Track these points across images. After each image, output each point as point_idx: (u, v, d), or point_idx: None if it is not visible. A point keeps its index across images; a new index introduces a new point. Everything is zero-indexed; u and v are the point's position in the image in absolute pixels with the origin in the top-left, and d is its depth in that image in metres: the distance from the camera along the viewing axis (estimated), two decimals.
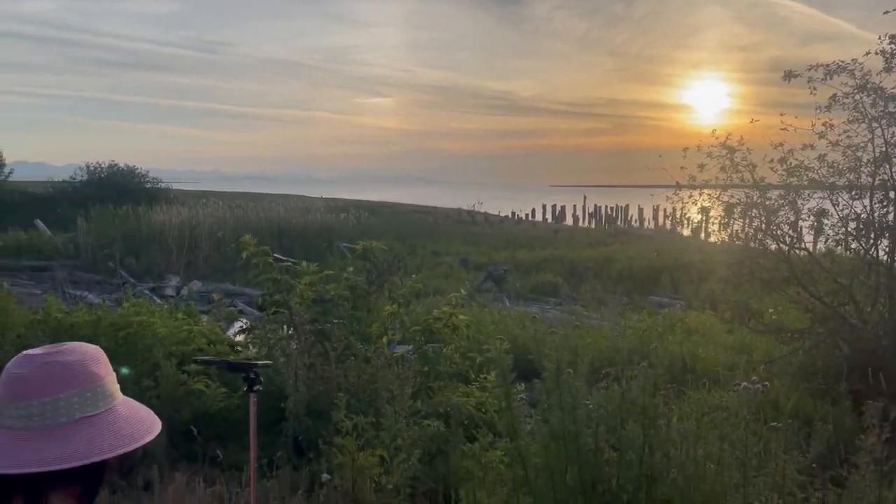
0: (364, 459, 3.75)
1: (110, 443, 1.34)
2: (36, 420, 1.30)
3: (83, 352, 1.39)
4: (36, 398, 1.30)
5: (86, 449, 1.31)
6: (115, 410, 1.41)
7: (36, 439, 1.30)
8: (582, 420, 2.84)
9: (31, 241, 19.27)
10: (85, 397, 1.34)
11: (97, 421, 1.36)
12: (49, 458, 1.28)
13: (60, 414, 1.31)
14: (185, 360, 5.58)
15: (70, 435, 1.31)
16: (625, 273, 17.24)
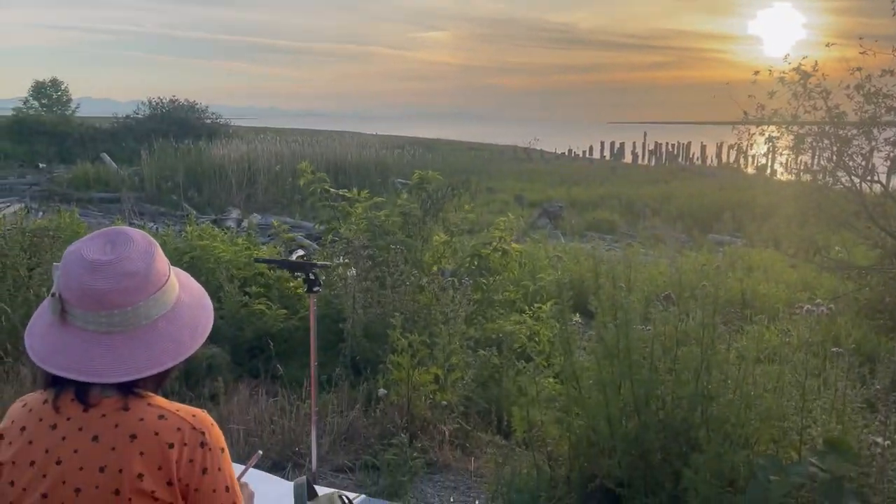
0: (419, 377, 3.83)
1: (190, 336, 1.40)
2: (118, 327, 1.34)
3: (146, 252, 1.39)
4: (117, 308, 1.34)
5: (174, 350, 1.37)
6: (182, 300, 1.46)
7: (124, 345, 1.34)
8: (636, 336, 2.82)
9: (98, 174, 19.94)
10: (158, 300, 1.38)
11: (173, 316, 1.41)
12: (143, 365, 1.33)
13: (140, 318, 1.36)
14: (246, 283, 5.75)
15: (154, 337, 1.36)
16: (684, 211, 16.86)
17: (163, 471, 1.31)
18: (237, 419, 3.75)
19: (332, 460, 3.56)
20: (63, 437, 1.33)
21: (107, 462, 1.30)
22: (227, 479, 1.40)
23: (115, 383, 1.35)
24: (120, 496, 1.29)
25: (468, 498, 3.32)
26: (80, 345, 1.34)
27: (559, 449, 3.44)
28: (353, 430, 3.80)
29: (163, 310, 1.40)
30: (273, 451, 3.53)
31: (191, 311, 1.45)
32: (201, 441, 1.36)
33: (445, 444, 3.74)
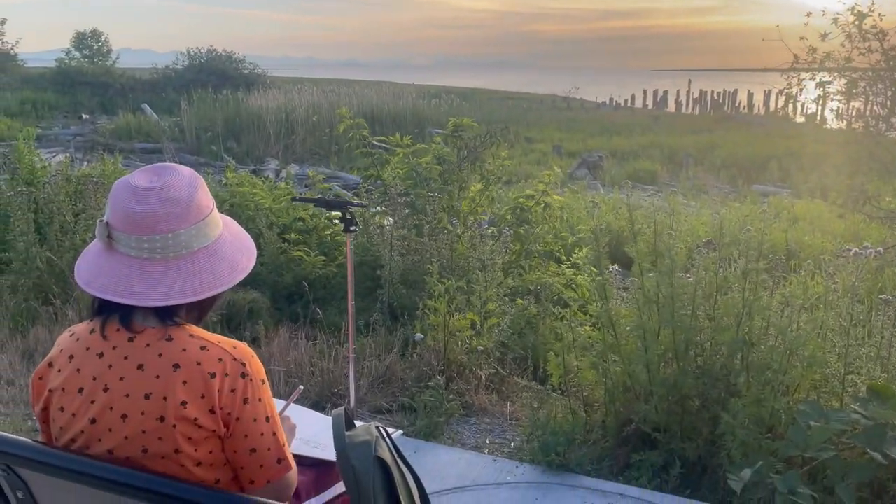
0: (455, 322, 3.85)
1: (229, 271, 1.42)
2: (159, 252, 1.37)
3: (191, 183, 1.42)
4: (157, 233, 1.36)
5: (211, 282, 1.39)
6: (224, 237, 1.48)
7: (164, 272, 1.37)
8: (678, 283, 2.78)
9: (140, 125, 20.22)
10: (200, 230, 1.41)
11: (214, 250, 1.43)
12: (179, 291, 1.35)
13: (181, 247, 1.38)
14: (285, 230, 5.82)
15: (193, 267, 1.38)
16: (729, 161, 16.46)
17: (205, 399, 1.34)
18: (278, 361, 3.84)
19: (370, 402, 3.62)
20: (109, 364, 1.37)
21: (152, 389, 1.33)
22: (267, 409, 1.43)
23: (156, 312, 1.38)
24: (165, 422, 1.32)
25: (503, 440, 3.36)
26: (122, 269, 1.38)
27: (595, 394, 3.45)
28: (390, 373, 3.86)
29: (203, 242, 1.41)
30: (313, 391, 3.61)
31: (232, 248, 1.46)
32: (242, 372, 1.39)
33: (481, 388, 3.78)
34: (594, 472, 2.97)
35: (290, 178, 10.40)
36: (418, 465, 3.00)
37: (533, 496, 2.76)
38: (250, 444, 1.40)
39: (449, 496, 2.73)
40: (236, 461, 1.41)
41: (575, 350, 3.40)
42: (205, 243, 1.41)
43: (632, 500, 2.75)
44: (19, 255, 4.85)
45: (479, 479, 2.87)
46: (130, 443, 1.34)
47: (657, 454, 2.95)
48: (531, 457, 3.04)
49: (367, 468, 1.34)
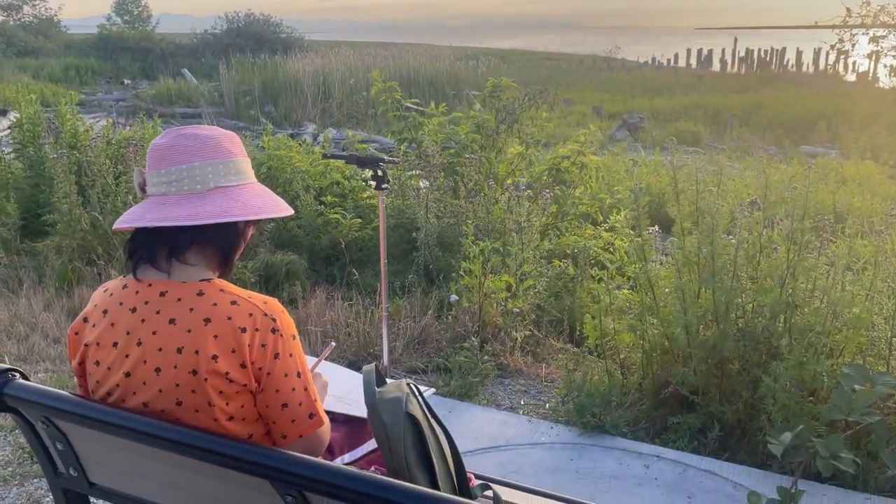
0: (491, 284, 3.83)
1: (240, 210, 1.41)
2: (174, 185, 1.40)
3: (219, 131, 1.47)
4: (174, 165, 1.40)
5: (218, 211, 1.39)
6: (248, 187, 1.47)
7: (174, 204, 1.39)
8: (719, 242, 2.70)
9: (180, 90, 20.41)
10: (217, 168, 1.41)
11: (229, 192, 1.43)
12: (182, 215, 1.37)
13: (196, 181, 1.39)
14: (322, 192, 5.84)
15: (204, 200, 1.40)
16: (775, 121, 15.97)
17: (236, 354, 1.35)
18: (314, 321, 3.87)
19: (405, 362, 3.64)
20: (142, 319, 1.38)
21: (183, 343, 1.34)
22: (298, 365, 1.43)
23: (172, 252, 1.39)
24: (197, 376, 1.33)
25: (538, 401, 3.35)
26: (143, 205, 1.42)
27: (631, 356, 3.41)
28: (425, 334, 3.87)
29: (221, 181, 1.42)
30: (349, 351, 3.64)
31: (253, 199, 1.46)
32: (272, 327, 1.39)
33: (516, 350, 3.76)
34: (630, 434, 2.94)
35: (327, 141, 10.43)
36: (452, 424, 3.02)
37: (567, 456, 2.76)
38: (282, 399, 1.41)
39: (483, 455, 2.74)
40: (268, 416, 1.42)
41: (612, 312, 3.35)
42: (222, 183, 1.42)
43: (668, 462, 2.72)
44: (63, 217, 4.96)
45: (513, 438, 2.87)
46: (164, 396, 1.35)
47: (695, 417, 2.91)
48: (566, 418, 3.03)
49: (397, 424, 1.34)
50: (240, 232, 1.48)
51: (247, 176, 1.48)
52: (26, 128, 6.47)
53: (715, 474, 2.64)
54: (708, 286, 2.79)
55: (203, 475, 1.34)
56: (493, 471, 2.64)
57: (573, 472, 2.66)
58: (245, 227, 1.49)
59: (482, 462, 2.69)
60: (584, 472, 2.66)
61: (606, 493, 2.53)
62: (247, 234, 1.52)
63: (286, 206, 1.52)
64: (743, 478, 2.63)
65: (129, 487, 1.49)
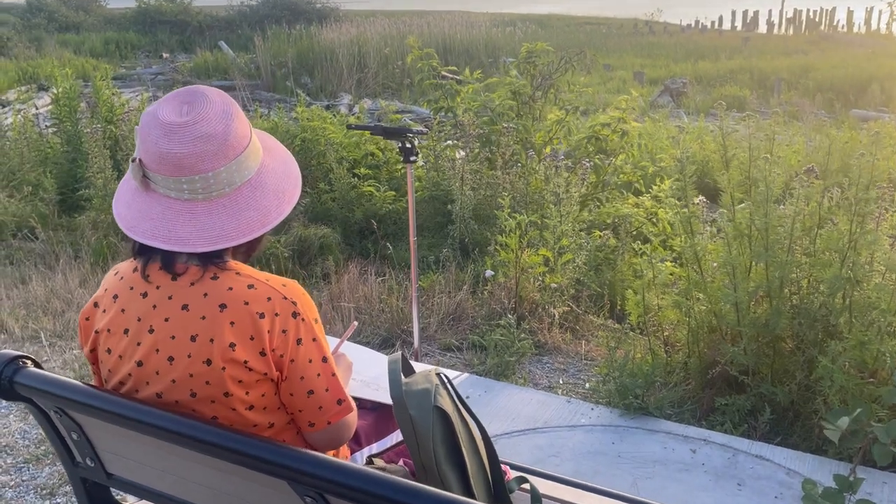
0: (528, 258, 3.70)
1: (276, 203, 1.32)
2: (200, 193, 1.27)
3: (225, 112, 1.29)
4: (199, 174, 1.26)
5: (259, 220, 1.30)
6: (266, 166, 1.36)
7: (207, 213, 1.28)
8: (774, 213, 2.52)
9: (217, 63, 20.42)
10: (241, 164, 1.30)
11: (258, 182, 1.32)
12: (228, 234, 1.27)
13: (223, 185, 1.28)
14: (356, 164, 5.74)
15: (238, 205, 1.29)
16: (825, 84, 15.34)
17: (255, 341, 1.26)
18: (347, 297, 3.80)
19: (440, 339, 3.55)
20: (154, 305, 1.29)
21: (197, 331, 1.25)
22: (322, 349, 1.33)
23: (200, 253, 1.28)
24: (212, 366, 1.25)
25: (578, 380, 3.23)
26: (164, 212, 1.28)
27: (676, 334, 3.26)
28: (460, 310, 3.76)
29: (246, 175, 1.31)
30: (382, 328, 3.56)
31: (276, 177, 1.35)
32: (293, 311, 1.29)
33: (554, 326, 3.64)
34: (675, 417, 2.81)
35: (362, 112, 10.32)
36: (488, 404, 2.93)
37: (609, 439, 2.64)
38: (307, 386, 1.32)
39: (520, 438, 2.64)
40: (293, 404, 1.33)
41: (655, 287, 3.20)
42: (247, 176, 1.31)
43: (716, 446, 2.58)
44: (98, 192, 4.95)
45: (551, 420, 2.76)
46: (178, 386, 1.27)
47: (744, 398, 2.76)
48: (607, 399, 2.91)
49: (425, 418, 1.24)
50: None
51: (259, 151, 1.37)
52: (63, 103, 6.49)
53: (766, 460, 2.50)
54: (761, 260, 2.62)
55: (220, 470, 1.26)
56: (531, 454, 2.54)
57: (614, 456, 2.54)
58: None
59: (519, 445, 2.59)
60: (626, 456, 2.54)
61: (650, 480, 2.41)
62: None
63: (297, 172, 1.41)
64: (796, 464, 2.48)
65: (147, 479, 1.42)
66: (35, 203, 5.43)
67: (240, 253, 1.37)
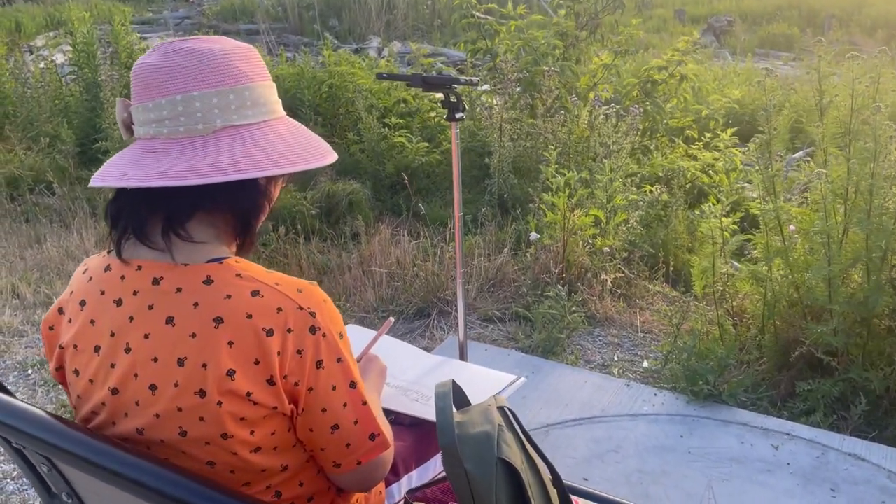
0: (577, 219, 3.34)
1: (260, 159, 0.98)
2: (167, 125, 0.97)
3: (229, 44, 1.01)
4: (165, 95, 0.96)
5: (227, 162, 0.96)
6: (272, 125, 1.03)
7: (166, 152, 0.97)
8: (881, 172, 2.13)
9: (244, 6, 19.87)
10: (227, 99, 0.98)
11: (245, 132, 1.00)
12: (176, 170, 0.95)
13: (196, 118, 0.97)
14: (386, 113, 5.37)
15: (208, 147, 0.97)
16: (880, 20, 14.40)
17: (261, 366, 0.95)
18: (379, 261, 3.49)
19: (480, 308, 3.24)
20: (130, 317, 0.99)
21: (186, 353, 0.95)
22: (350, 372, 1.02)
23: (169, 224, 0.99)
24: (206, 399, 0.94)
25: (634, 356, 2.91)
26: (127, 153, 1.01)
27: (746, 305, 2.90)
28: (501, 274, 3.44)
29: (232, 117, 0.99)
30: (417, 296, 3.26)
31: (279, 143, 1.02)
32: (311, 325, 0.98)
33: (606, 294, 3.30)
34: (750, 404, 2.48)
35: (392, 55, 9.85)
36: (537, 388, 2.63)
37: (676, 431, 2.33)
38: (331, 420, 1.01)
39: (574, 429, 2.34)
40: (314, 442, 1.03)
41: (725, 254, 2.84)
42: (234, 120, 0.98)
43: (802, 442, 2.25)
44: (115, 143, 4.67)
45: (609, 408, 2.46)
46: (164, 422, 0.97)
47: (831, 384, 2.41)
48: (672, 383, 2.58)
49: (486, 474, 0.92)
50: (262, 190, 1.05)
51: (270, 109, 1.04)
52: (80, 48, 6.17)
53: (862, 459, 2.17)
54: (861, 228, 2.23)
55: None
56: (588, 449, 2.24)
57: (684, 452, 2.23)
58: (269, 183, 1.07)
59: (574, 438, 2.29)
60: (698, 452, 2.23)
61: (727, 482, 2.10)
62: (272, 193, 1.09)
63: (326, 151, 1.08)
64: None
65: None
66: (53, 156, 5.18)
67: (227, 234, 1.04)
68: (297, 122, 1.10)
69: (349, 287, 3.39)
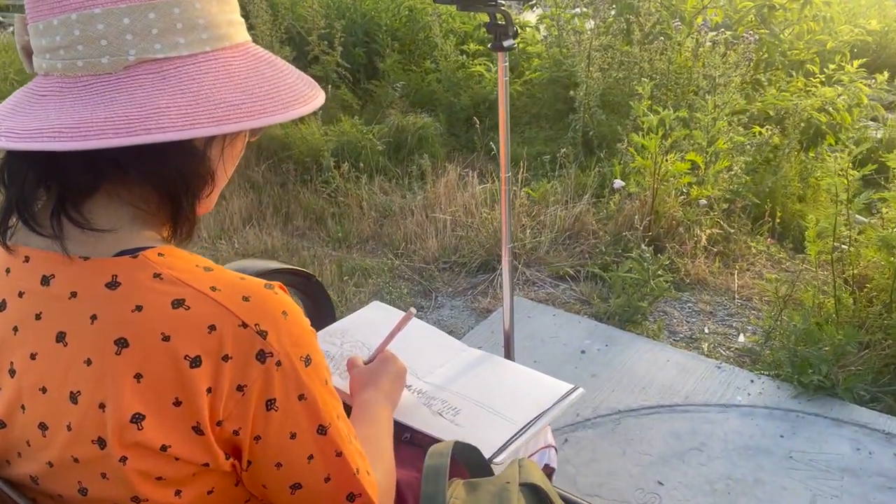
0: (672, 165, 2.90)
1: (185, 112, 0.67)
2: (62, 56, 0.67)
3: None
4: (57, 13, 0.66)
5: (135, 116, 0.66)
6: (216, 58, 0.72)
7: (57, 94, 0.68)
8: None
9: None
10: (146, 20, 0.66)
11: (171, 71, 0.68)
12: (61, 125, 0.66)
13: (99, 48, 0.66)
14: (466, 39, 4.95)
15: (114, 91, 0.67)
16: None
17: (183, 408, 0.66)
18: (443, 207, 3.18)
19: (551, 262, 2.89)
20: (14, 326, 0.72)
21: (80, 385, 0.67)
22: (318, 413, 0.73)
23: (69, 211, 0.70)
24: (107, 451, 0.67)
25: (729, 329, 2.50)
26: (14, 96, 0.72)
27: (877, 277, 2.42)
28: (578, 224, 3.07)
29: (150, 50, 0.67)
30: (482, 247, 2.93)
31: (226, 85, 0.70)
32: (259, 349, 0.68)
33: (699, 252, 2.88)
34: (869, 399, 2.06)
35: None
36: (610, 364, 2.29)
37: (776, 430, 1.95)
38: (291, 477, 0.73)
39: (651, 417, 2.00)
40: (272, 500, 0.76)
41: (850, 208, 2.36)
42: (154, 53, 0.67)
43: None
44: None
45: (694, 394, 2.09)
46: (58, 474, 0.71)
47: None
48: (774, 369, 2.18)
49: None
50: (196, 156, 0.73)
51: (216, 34, 0.71)
52: None
53: None
54: None
55: None
56: (665, 444, 1.90)
57: (783, 457, 1.86)
58: (208, 145, 0.75)
59: (650, 429, 1.95)
60: (801, 458, 1.86)
61: (836, 499, 1.73)
62: (216, 159, 0.77)
63: (298, 96, 0.75)
64: None
65: None
66: None
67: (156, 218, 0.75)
68: (262, 52, 0.77)
69: (410, 233, 3.10)
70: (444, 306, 2.68)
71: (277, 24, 4.62)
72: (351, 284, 2.79)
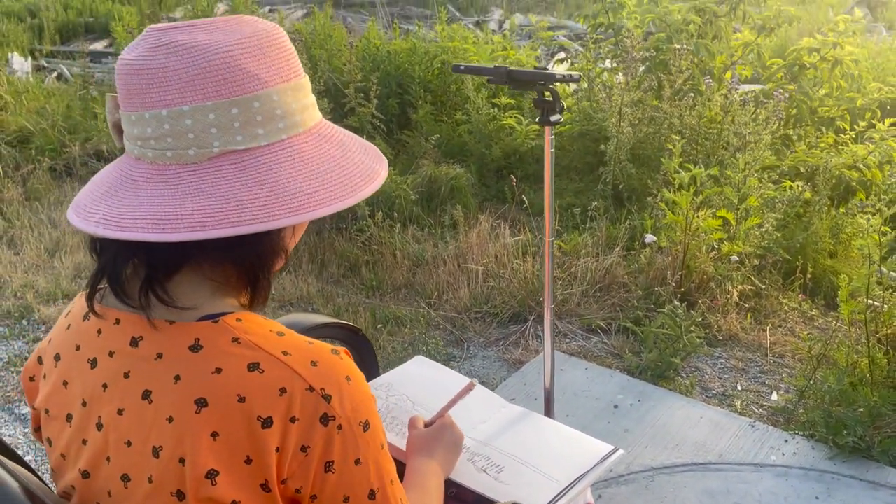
0: (703, 222, 2.94)
1: (265, 204, 0.74)
2: (152, 146, 0.74)
3: (238, 34, 0.76)
4: (149, 107, 0.73)
5: (217, 210, 0.72)
6: (290, 145, 0.78)
7: (149, 181, 0.75)
8: None
9: None
10: (229, 115, 0.73)
11: (250, 162, 0.75)
12: (152, 218, 0.72)
13: (186, 141, 0.73)
14: (497, 92, 5.07)
15: (200, 181, 0.74)
16: None
17: (254, 466, 0.72)
18: (475, 258, 3.24)
19: (582, 315, 2.92)
20: (104, 384, 0.78)
21: (162, 440, 0.73)
22: (372, 475, 0.77)
23: (154, 289, 0.76)
24: (184, 502, 0.72)
25: (762, 387, 2.50)
26: (109, 172, 0.80)
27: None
28: (609, 277, 3.10)
29: (232, 142, 0.74)
30: (514, 299, 2.98)
31: (301, 173, 0.77)
32: (323, 413, 0.73)
33: (731, 307, 2.89)
34: None
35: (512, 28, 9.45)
36: (642, 420, 2.30)
37: (811, 491, 1.94)
38: None
39: (685, 475, 2.00)
40: None
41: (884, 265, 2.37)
42: (237, 144, 0.74)
43: None
44: None
45: (728, 452, 2.09)
46: None
47: None
48: (808, 429, 2.18)
49: None
50: (271, 241, 0.80)
51: (291, 122, 0.78)
52: None
53: None
54: None
55: None
56: (699, 502, 1.90)
57: None
58: (282, 230, 0.82)
59: (683, 488, 1.96)
60: None
61: None
62: (288, 241, 0.84)
63: (366, 175, 0.81)
64: None
65: None
66: None
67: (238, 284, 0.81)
68: (330, 131, 0.84)
69: (442, 283, 3.16)
70: (475, 356, 2.72)
71: (317, 77, 4.78)
72: (385, 332, 2.84)
